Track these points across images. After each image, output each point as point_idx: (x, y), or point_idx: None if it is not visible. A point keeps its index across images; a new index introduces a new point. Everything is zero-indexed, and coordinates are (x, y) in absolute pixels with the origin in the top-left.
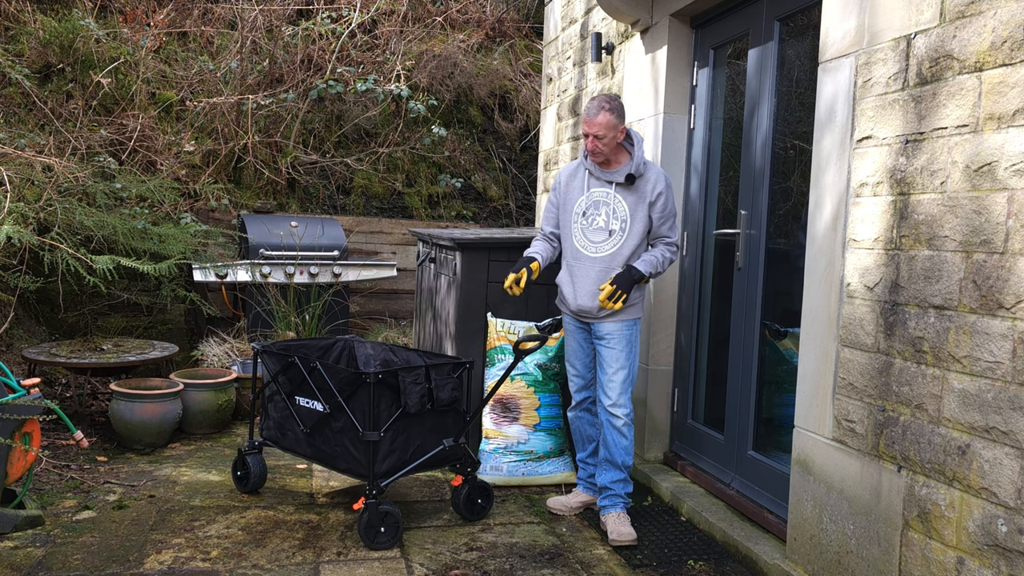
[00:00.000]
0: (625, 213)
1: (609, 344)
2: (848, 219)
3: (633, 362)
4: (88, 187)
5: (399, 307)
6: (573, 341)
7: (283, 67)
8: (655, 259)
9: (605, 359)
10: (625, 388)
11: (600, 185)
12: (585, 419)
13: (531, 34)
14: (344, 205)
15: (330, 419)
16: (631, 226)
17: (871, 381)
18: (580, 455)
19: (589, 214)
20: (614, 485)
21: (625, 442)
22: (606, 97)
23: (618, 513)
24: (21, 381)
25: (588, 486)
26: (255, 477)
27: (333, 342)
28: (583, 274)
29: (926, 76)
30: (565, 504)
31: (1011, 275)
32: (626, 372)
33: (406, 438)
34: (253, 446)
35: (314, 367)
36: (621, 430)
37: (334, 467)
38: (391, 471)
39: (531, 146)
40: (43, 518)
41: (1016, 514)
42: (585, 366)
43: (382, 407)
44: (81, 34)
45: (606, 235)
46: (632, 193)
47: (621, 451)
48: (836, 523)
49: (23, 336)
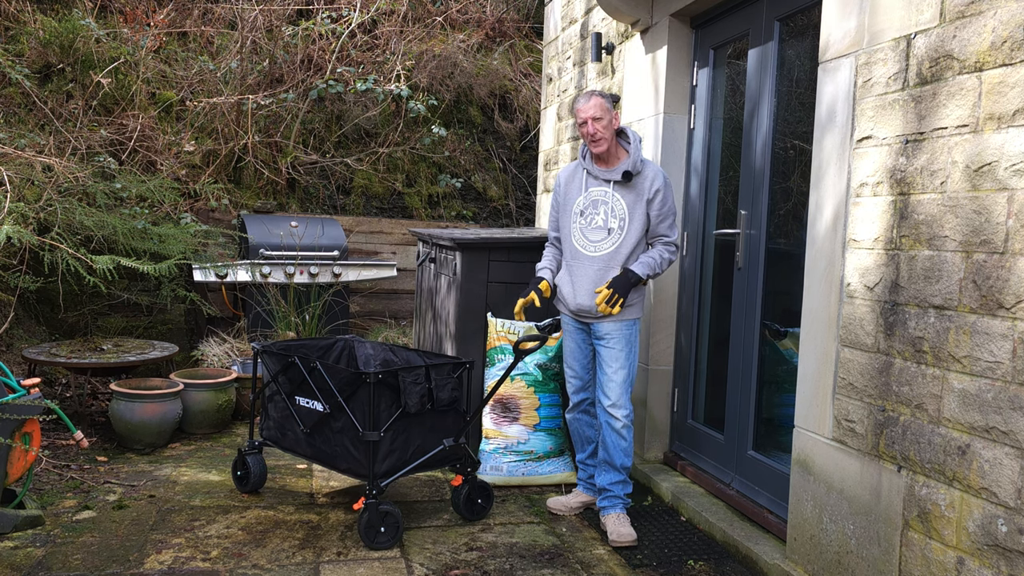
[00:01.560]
0: (623, 211)
1: (608, 344)
2: (848, 219)
3: (633, 362)
4: (88, 187)
5: (399, 307)
6: (572, 342)
7: (283, 67)
8: (653, 260)
9: (604, 359)
10: (625, 388)
11: (598, 184)
12: (584, 420)
13: (531, 34)
14: (344, 205)
15: (330, 419)
16: (630, 224)
17: (871, 381)
18: (580, 456)
19: (588, 213)
20: (613, 487)
21: (624, 444)
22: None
23: (618, 514)
24: (21, 381)
25: (588, 486)
26: (255, 477)
27: (333, 342)
28: (582, 273)
29: (926, 76)
30: (565, 504)
31: (1011, 275)
32: (626, 372)
33: (406, 438)
34: (253, 446)
35: (314, 367)
36: (620, 432)
37: (334, 467)
38: (391, 471)
39: (531, 146)
40: (43, 518)
41: (1016, 514)
42: (583, 367)
43: (382, 407)
44: (81, 34)
45: (605, 234)
46: (630, 191)
47: (620, 453)
48: (836, 523)
49: (23, 336)
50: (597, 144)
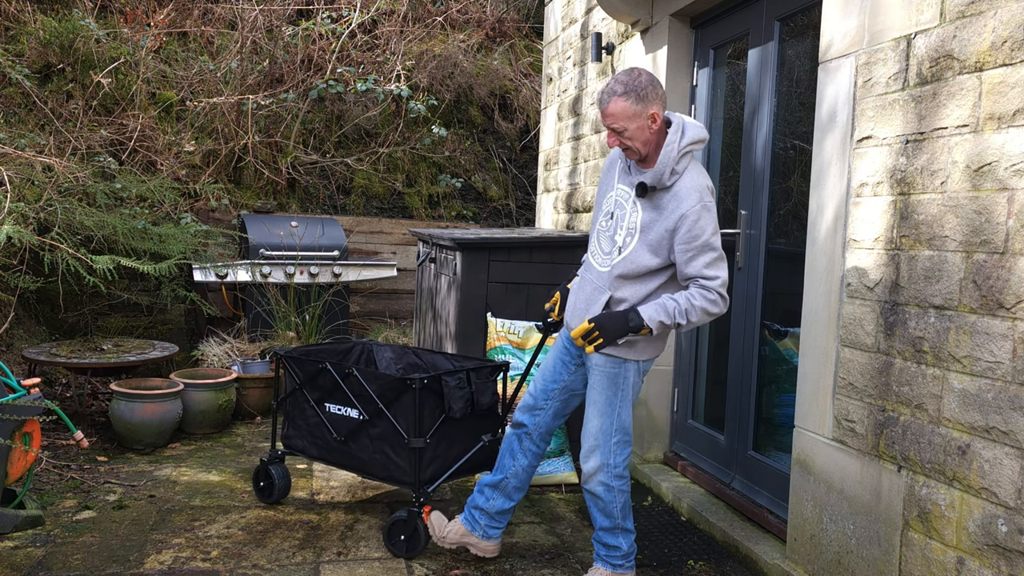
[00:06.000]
0: (635, 227)
1: (592, 381)
2: (848, 219)
3: (617, 412)
4: (88, 187)
5: (399, 307)
6: (553, 355)
7: (283, 67)
8: (675, 306)
9: (587, 399)
10: (601, 440)
11: (626, 184)
12: (510, 439)
13: (531, 34)
14: (344, 205)
15: (367, 426)
16: (635, 246)
17: (871, 381)
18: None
19: (615, 215)
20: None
21: (601, 503)
22: (620, 77)
23: (599, 569)
24: (21, 381)
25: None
26: (279, 489)
27: (351, 346)
28: (580, 287)
29: (926, 76)
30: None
31: (1011, 275)
32: (602, 422)
33: (448, 443)
34: (276, 456)
35: (350, 372)
36: (593, 491)
37: (371, 475)
38: (434, 477)
39: (531, 146)
40: (43, 518)
41: (1016, 514)
42: (544, 389)
43: (426, 412)
44: (81, 34)
45: (611, 246)
46: (652, 207)
47: (599, 514)
48: (836, 523)
49: (23, 336)
50: (630, 154)
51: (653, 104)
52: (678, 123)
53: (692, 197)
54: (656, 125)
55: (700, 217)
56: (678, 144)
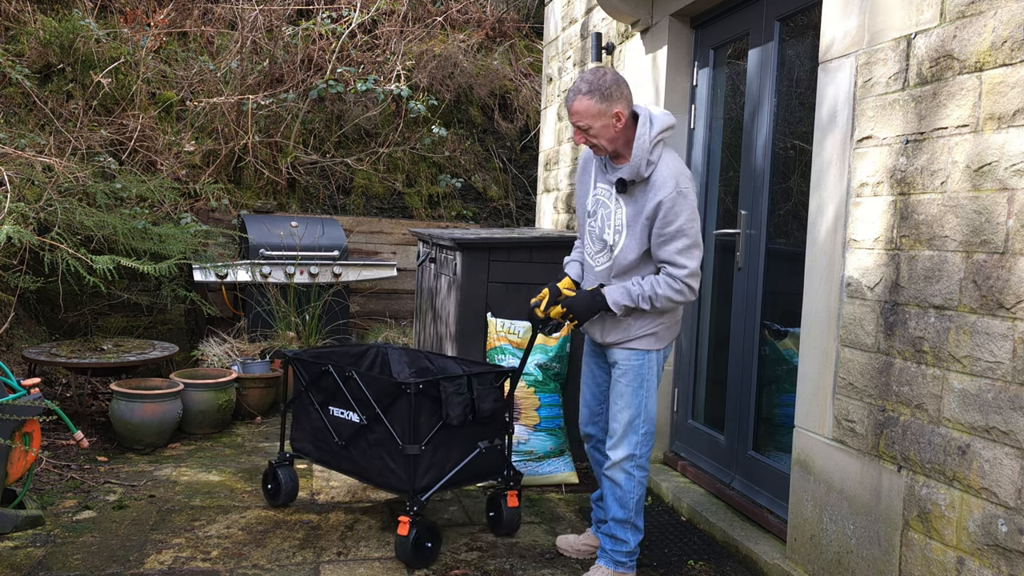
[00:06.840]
0: (621, 223)
1: (616, 375)
2: (848, 219)
3: (644, 402)
4: (88, 187)
5: (399, 307)
6: (588, 364)
7: (283, 67)
8: (638, 291)
9: (612, 393)
10: (629, 433)
11: (605, 183)
12: (594, 458)
13: (531, 34)
14: (344, 205)
15: (366, 431)
16: (625, 241)
17: (871, 381)
18: (594, 494)
19: (597, 215)
20: (604, 535)
21: (619, 491)
22: (586, 76)
23: (601, 567)
24: (21, 381)
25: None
26: (287, 492)
27: (365, 349)
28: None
29: (926, 76)
30: (572, 545)
31: (1011, 275)
32: (631, 413)
33: (446, 451)
34: (284, 459)
35: (349, 376)
36: (613, 478)
37: (371, 481)
38: (430, 485)
39: (531, 146)
40: (43, 518)
41: (1016, 514)
42: (593, 395)
43: (422, 418)
44: (81, 34)
45: (602, 246)
46: (633, 200)
47: (614, 503)
48: (836, 523)
49: (23, 336)
50: (597, 151)
51: (617, 103)
52: (645, 115)
53: (669, 184)
54: (621, 123)
55: (675, 203)
56: (649, 135)
